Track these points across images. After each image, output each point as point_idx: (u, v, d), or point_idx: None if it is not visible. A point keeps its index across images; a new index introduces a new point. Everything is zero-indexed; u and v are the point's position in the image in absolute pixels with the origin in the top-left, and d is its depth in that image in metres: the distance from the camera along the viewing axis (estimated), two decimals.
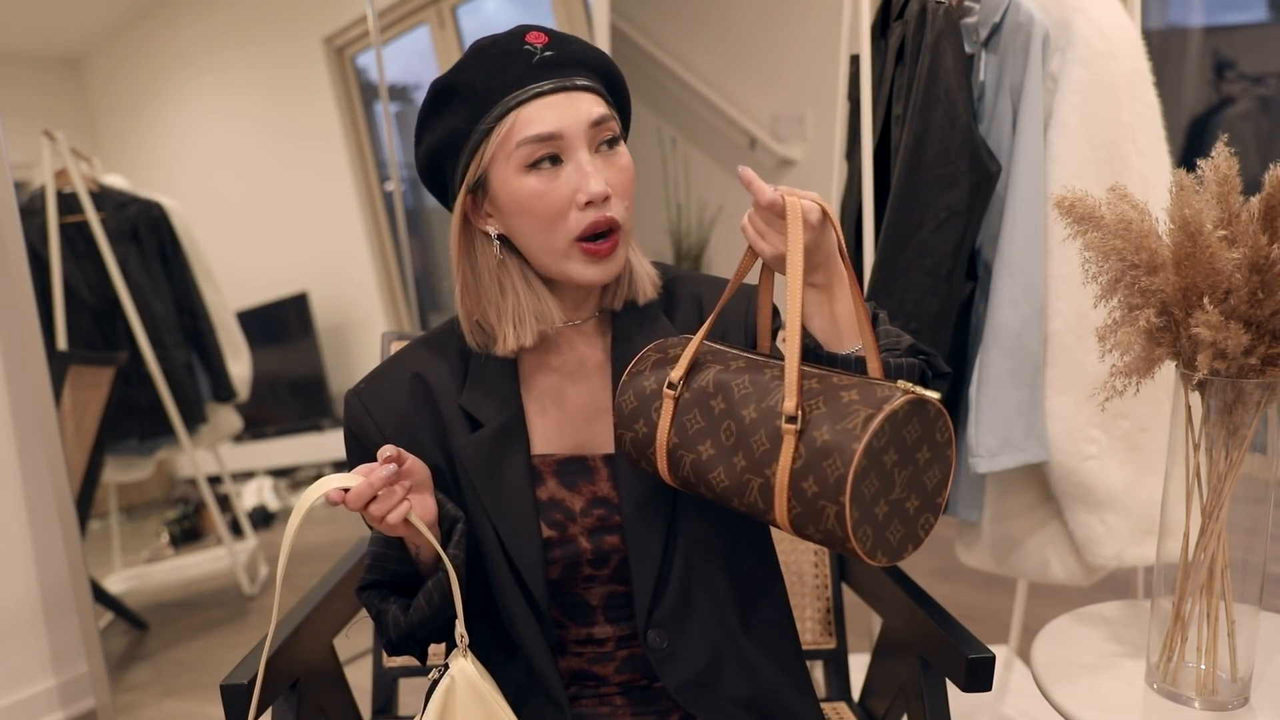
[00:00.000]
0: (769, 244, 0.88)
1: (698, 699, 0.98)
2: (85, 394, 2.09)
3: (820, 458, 0.76)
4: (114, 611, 2.23)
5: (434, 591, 0.90)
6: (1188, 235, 0.96)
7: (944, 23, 1.42)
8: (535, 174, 0.89)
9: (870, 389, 0.78)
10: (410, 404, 0.98)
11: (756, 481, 0.81)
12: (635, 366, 0.93)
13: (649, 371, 0.92)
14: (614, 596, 0.99)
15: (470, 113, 0.90)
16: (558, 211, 0.89)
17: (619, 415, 0.93)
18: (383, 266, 2.58)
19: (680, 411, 0.88)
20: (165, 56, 2.29)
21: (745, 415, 0.83)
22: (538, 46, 0.89)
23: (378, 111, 2.46)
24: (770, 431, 0.80)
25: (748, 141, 3.64)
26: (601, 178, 0.89)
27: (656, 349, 0.93)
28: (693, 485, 0.87)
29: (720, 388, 0.86)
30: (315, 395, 2.61)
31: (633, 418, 0.91)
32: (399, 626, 0.92)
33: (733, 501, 0.84)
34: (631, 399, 0.92)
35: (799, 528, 0.79)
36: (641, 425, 0.90)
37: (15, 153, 1.94)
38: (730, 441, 0.84)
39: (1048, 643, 1.20)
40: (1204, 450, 1.02)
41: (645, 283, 0.99)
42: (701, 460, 0.85)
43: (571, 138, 0.88)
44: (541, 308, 0.95)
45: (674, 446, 0.88)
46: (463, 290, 0.96)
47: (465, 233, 0.94)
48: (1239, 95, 3.25)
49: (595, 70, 0.92)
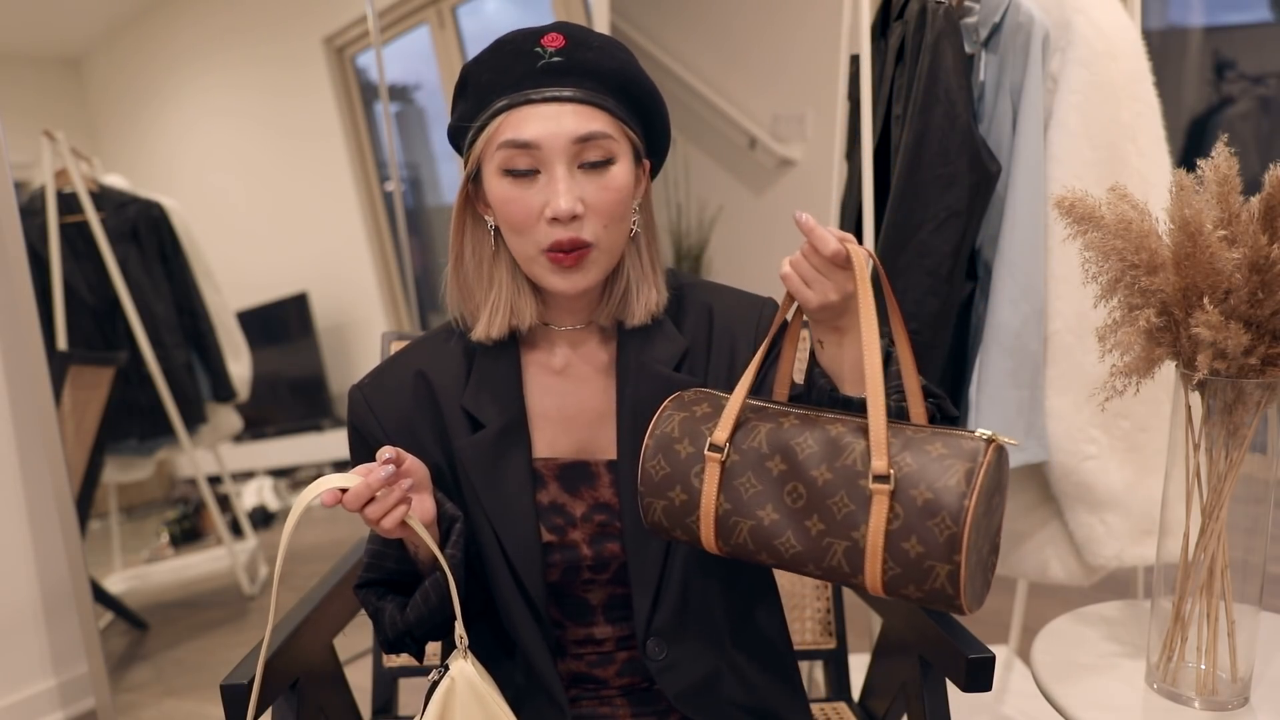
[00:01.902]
0: (816, 292, 0.84)
1: (697, 705, 0.98)
2: (85, 394, 2.08)
3: (924, 517, 0.74)
4: (114, 611, 2.23)
5: (431, 591, 0.90)
6: (1188, 235, 0.96)
7: (944, 23, 1.42)
8: (509, 180, 0.88)
9: (953, 440, 0.76)
10: (413, 402, 0.97)
11: (841, 545, 0.78)
12: (660, 429, 0.87)
13: (679, 433, 0.86)
14: (614, 597, 0.99)
15: (474, 106, 0.90)
16: (525, 221, 0.89)
17: (647, 482, 0.86)
18: (383, 266, 2.58)
19: (730, 476, 0.83)
20: (165, 57, 2.29)
21: (816, 476, 0.79)
22: (548, 50, 0.88)
23: (378, 111, 2.46)
24: (854, 492, 0.77)
25: (748, 141, 3.64)
26: (573, 196, 0.87)
27: (677, 405, 0.88)
28: (750, 553, 0.83)
29: (777, 448, 0.81)
30: (315, 395, 2.61)
31: (666, 484, 0.85)
32: (396, 625, 0.92)
33: (806, 567, 0.80)
34: (662, 464, 0.86)
35: (894, 589, 0.76)
36: (678, 492, 0.84)
37: (15, 153, 1.94)
38: (799, 505, 0.80)
39: (1048, 643, 1.20)
40: (1204, 450, 1.02)
41: (638, 305, 0.96)
42: (763, 526, 0.81)
43: (550, 150, 0.87)
44: (520, 304, 0.95)
45: (725, 514, 0.82)
46: (454, 269, 0.96)
47: (466, 214, 0.95)
48: (1239, 95, 3.25)
49: (609, 83, 0.89)
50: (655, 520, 0.87)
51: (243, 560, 2.43)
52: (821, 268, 0.83)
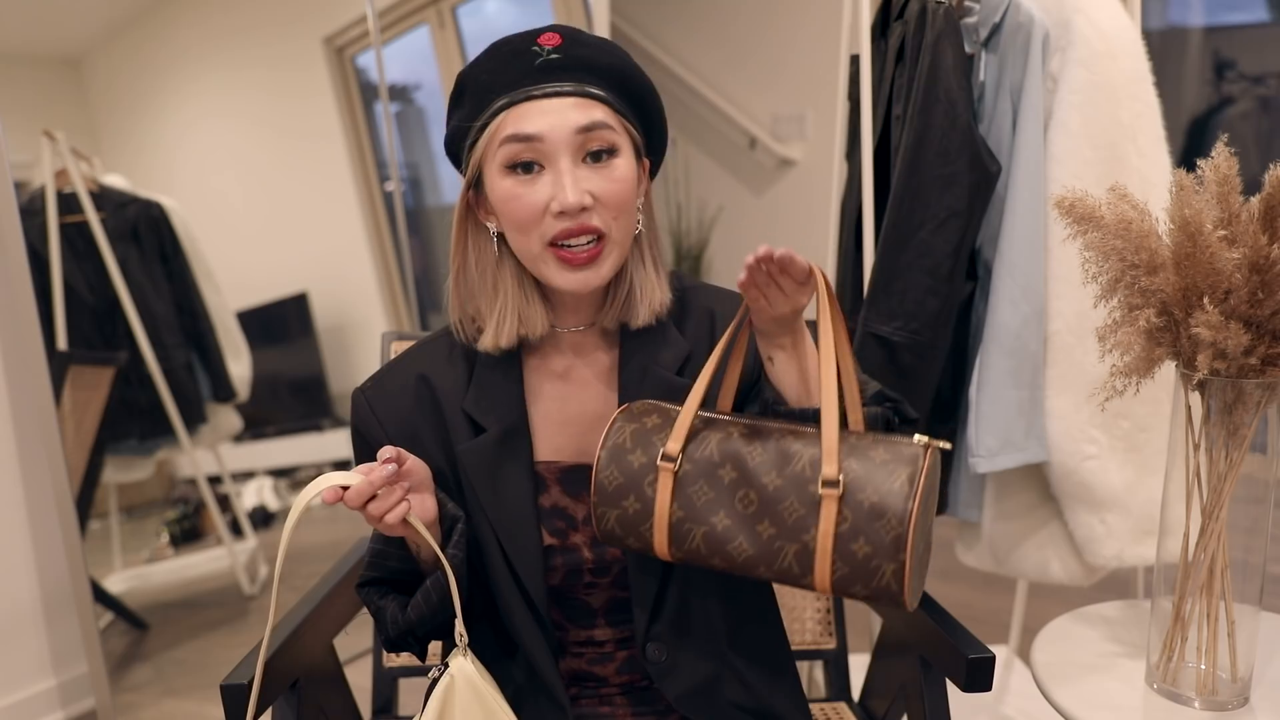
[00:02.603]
0: (773, 305, 0.84)
1: (697, 707, 0.98)
2: (85, 394, 2.08)
3: (871, 519, 0.78)
4: (114, 611, 2.23)
5: (433, 590, 0.90)
6: (1188, 235, 0.96)
7: (944, 23, 1.42)
8: (513, 176, 0.88)
9: (894, 446, 0.81)
10: (415, 406, 0.97)
11: (791, 548, 0.81)
12: (612, 441, 0.89)
13: (631, 445, 0.88)
14: (616, 601, 0.99)
15: (472, 109, 0.90)
16: (531, 217, 0.88)
17: (600, 492, 0.88)
18: (383, 266, 2.58)
19: (682, 484, 0.85)
20: (166, 56, 2.29)
21: (767, 483, 0.82)
22: (545, 49, 0.88)
23: (378, 112, 2.46)
24: (804, 497, 0.81)
25: (748, 141, 3.64)
26: (580, 188, 0.87)
27: (627, 417, 0.90)
28: (701, 558, 0.86)
29: (728, 457, 0.85)
30: (315, 395, 2.61)
31: (619, 494, 0.88)
32: (397, 624, 0.92)
33: (757, 570, 0.83)
34: (615, 475, 0.88)
35: (842, 588, 0.80)
36: (631, 501, 0.87)
37: (15, 153, 1.94)
38: (750, 510, 0.83)
39: (1048, 643, 1.20)
40: (1204, 450, 1.02)
41: (642, 306, 0.96)
42: (716, 532, 0.84)
43: (554, 142, 0.87)
44: (529, 311, 0.95)
45: (679, 521, 0.85)
46: (456, 280, 0.96)
47: (467, 223, 0.95)
48: (1239, 95, 3.25)
49: (607, 78, 0.90)
50: (609, 529, 0.89)
51: (243, 560, 2.43)
52: (785, 285, 0.82)
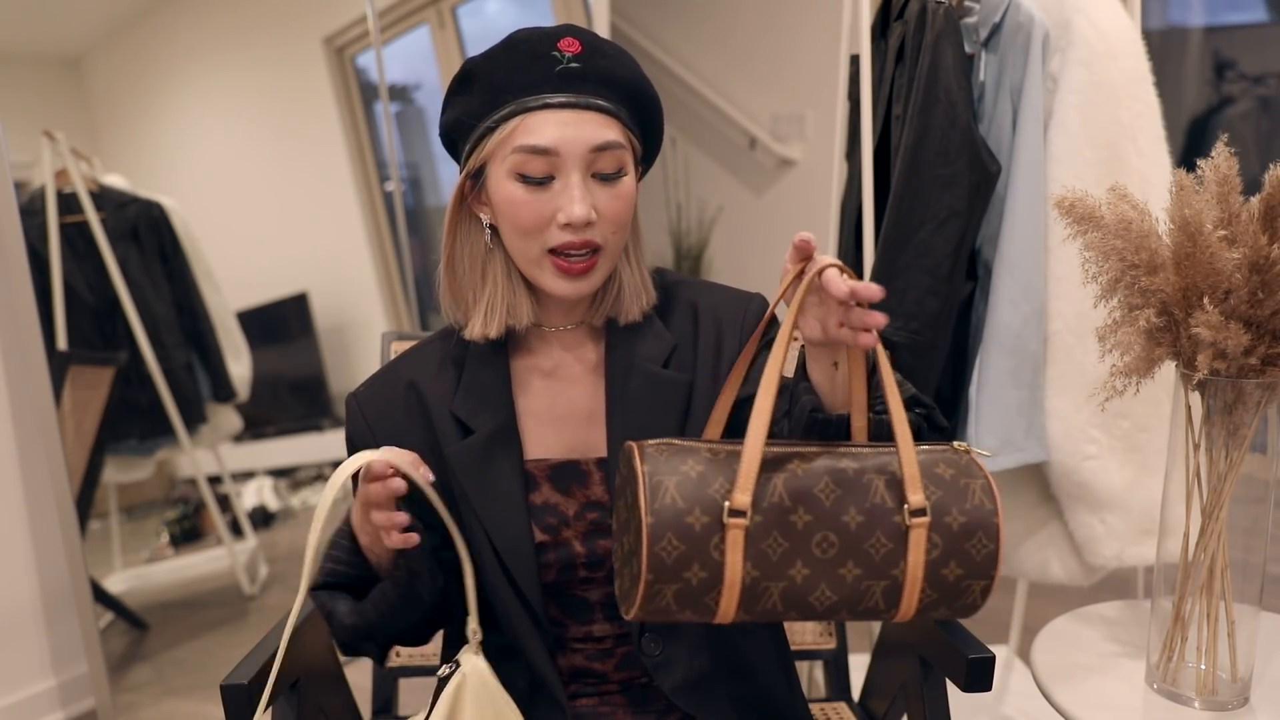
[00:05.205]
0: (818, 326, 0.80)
1: (694, 700, 0.98)
2: (85, 394, 2.08)
3: (961, 541, 0.77)
4: (114, 611, 2.23)
5: (390, 588, 0.91)
6: (1188, 235, 0.96)
7: (944, 23, 1.42)
8: (522, 184, 0.89)
9: (950, 458, 0.80)
10: (404, 414, 0.99)
11: (880, 585, 0.76)
12: (660, 502, 0.73)
13: (684, 504, 0.73)
14: (612, 595, 0.99)
15: (482, 104, 0.90)
16: (536, 225, 0.89)
17: (658, 568, 0.73)
18: (383, 266, 2.58)
19: (754, 540, 0.74)
20: (166, 56, 2.29)
21: (848, 521, 0.76)
22: (566, 55, 0.88)
23: (378, 112, 2.46)
24: (889, 530, 0.76)
25: (748, 141, 3.64)
26: (588, 203, 0.88)
27: (659, 467, 0.75)
28: (774, 615, 0.76)
29: (799, 499, 0.75)
30: (315, 395, 2.61)
31: (681, 566, 0.73)
32: (351, 625, 0.92)
33: (840, 614, 0.77)
34: (674, 544, 0.73)
35: (926, 612, 0.78)
36: (696, 571, 0.73)
37: (15, 153, 1.93)
38: (830, 555, 0.75)
39: (1048, 643, 1.20)
40: (1204, 450, 1.02)
41: (632, 304, 0.97)
42: (796, 585, 0.75)
43: (567, 156, 0.87)
44: (515, 303, 0.95)
45: (753, 582, 0.74)
46: (446, 267, 0.97)
47: (460, 212, 0.95)
48: (1239, 95, 3.25)
49: (622, 92, 0.90)
50: (661, 605, 0.74)
51: (243, 560, 2.43)
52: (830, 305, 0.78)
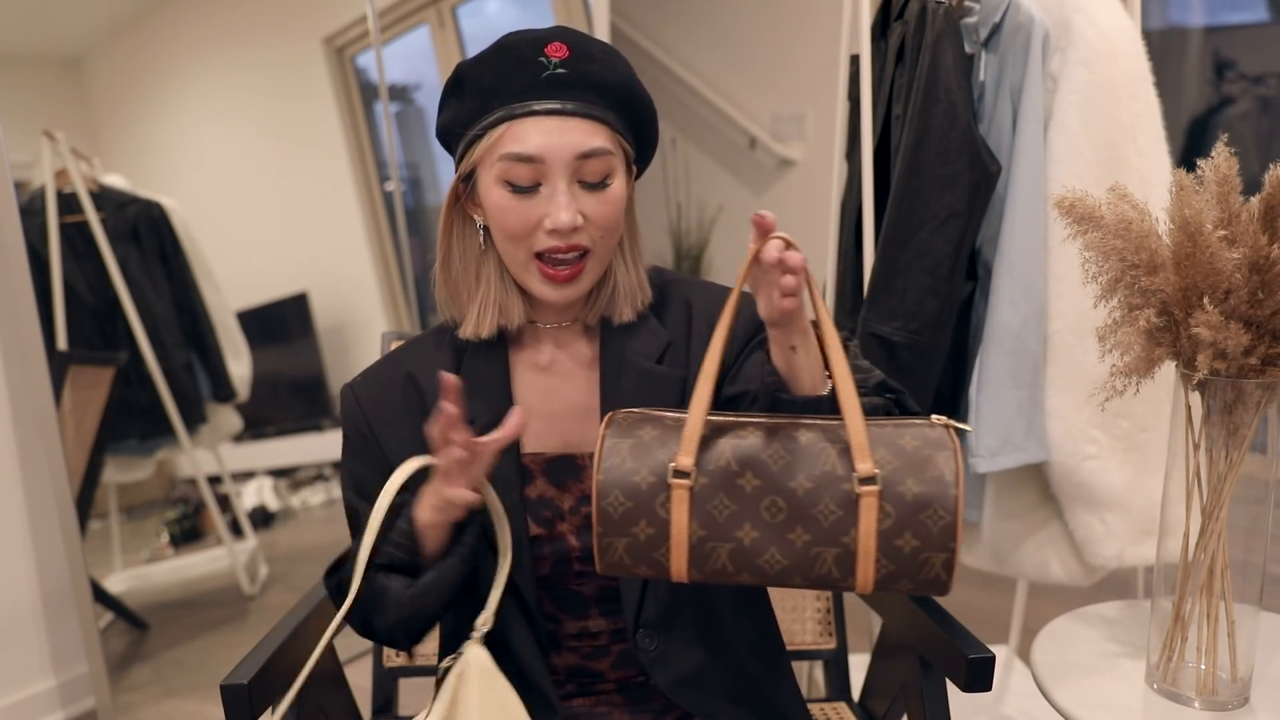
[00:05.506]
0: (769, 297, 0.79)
1: (689, 696, 0.98)
2: (85, 394, 2.08)
3: (915, 511, 0.75)
4: (114, 611, 2.23)
5: (453, 566, 0.91)
6: (1188, 235, 0.96)
7: (944, 23, 1.42)
8: (510, 190, 0.89)
9: (917, 430, 0.78)
10: (401, 402, 0.99)
11: (830, 552, 0.76)
12: (609, 462, 0.80)
13: (633, 464, 0.80)
14: (607, 590, 1.00)
15: (472, 109, 0.91)
16: (523, 230, 0.90)
17: (605, 520, 0.80)
18: (383, 266, 2.58)
19: (700, 500, 0.78)
20: (166, 56, 2.29)
21: (795, 487, 0.77)
22: (553, 61, 0.88)
23: (378, 112, 2.46)
24: (839, 497, 0.76)
25: (748, 141, 3.64)
26: (574, 209, 0.88)
27: (618, 432, 0.82)
28: (727, 576, 0.79)
29: (747, 463, 0.78)
30: (315, 395, 2.61)
31: (628, 520, 0.79)
32: (402, 604, 0.91)
33: (792, 580, 0.78)
34: (620, 499, 0.79)
35: (886, 585, 0.76)
36: (643, 526, 0.79)
37: (15, 153, 1.93)
38: (779, 519, 0.77)
39: (1048, 643, 1.20)
40: (1204, 450, 1.02)
41: (626, 304, 0.98)
42: (744, 547, 0.78)
43: (553, 164, 0.88)
44: (508, 302, 0.96)
45: (700, 540, 0.78)
46: (441, 266, 0.97)
47: (455, 212, 0.96)
48: (1239, 95, 3.25)
49: (611, 96, 0.90)
50: (615, 559, 0.81)
51: (243, 560, 2.43)
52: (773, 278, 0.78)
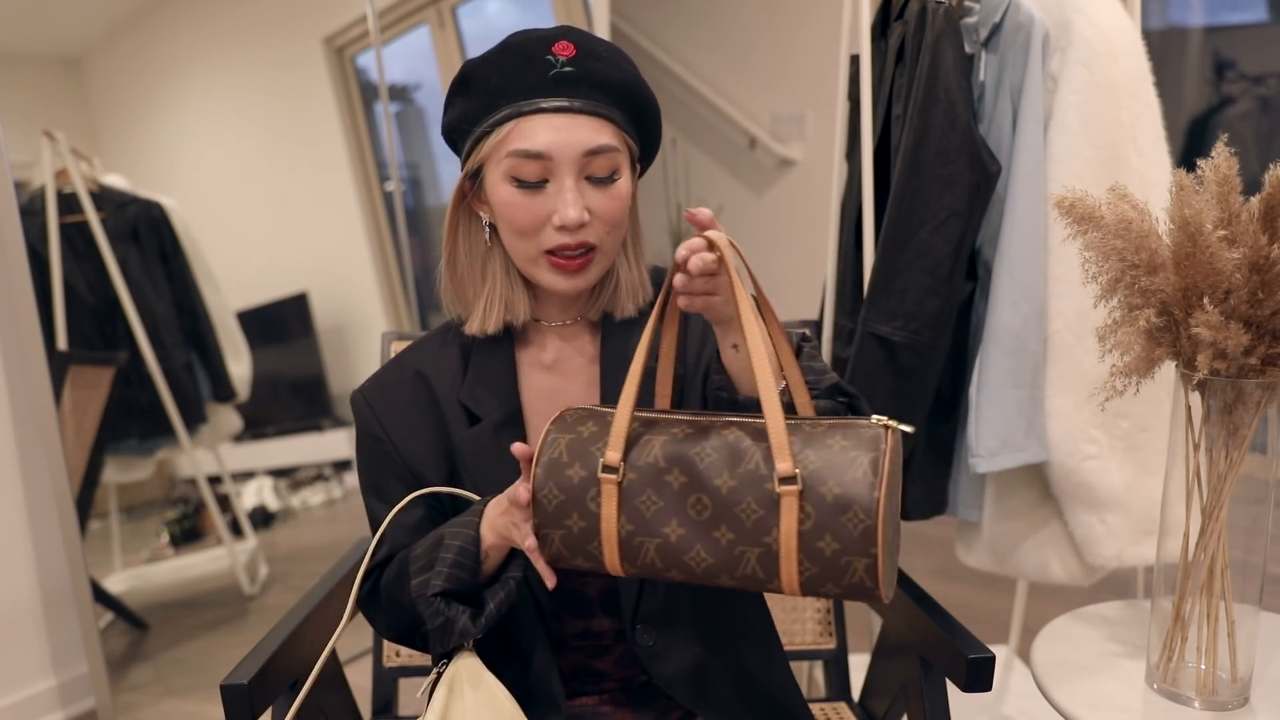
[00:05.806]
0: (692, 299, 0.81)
1: (689, 693, 0.99)
2: (85, 394, 2.08)
3: (835, 514, 0.73)
4: (114, 611, 2.23)
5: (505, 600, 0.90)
6: (1188, 235, 0.96)
7: (944, 23, 1.42)
8: (517, 187, 0.90)
9: (851, 431, 0.76)
10: (412, 400, 1.00)
11: (753, 552, 0.76)
12: (546, 456, 0.82)
13: (568, 458, 0.81)
14: (611, 590, 1.00)
15: (478, 107, 0.91)
16: (531, 226, 0.90)
17: (541, 513, 0.82)
18: (383, 266, 2.58)
19: (629, 495, 0.79)
20: (166, 56, 2.29)
21: (719, 485, 0.77)
22: (560, 59, 0.89)
23: (378, 111, 2.46)
24: (761, 497, 0.75)
25: (748, 141, 3.64)
26: (581, 206, 0.89)
27: (560, 427, 0.84)
28: (657, 571, 0.80)
29: (674, 460, 0.78)
30: (315, 395, 2.61)
31: (561, 513, 0.81)
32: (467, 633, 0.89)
33: (718, 579, 0.78)
34: (555, 493, 0.81)
35: (812, 588, 0.75)
36: (575, 519, 0.80)
37: (15, 153, 1.93)
38: (705, 516, 0.77)
39: (1048, 643, 1.20)
40: (1204, 450, 1.02)
41: (628, 300, 0.99)
42: (671, 543, 0.78)
43: (560, 161, 0.88)
44: (513, 299, 0.97)
45: (628, 535, 0.79)
46: (447, 263, 0.98)
47: (461, 210, 0.97)
48: (1239, 95, 3.25)
49: (617, 94, 0.91)
50: (554, 551, 0.83)
51: (243, 560, 2.43)
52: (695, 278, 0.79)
